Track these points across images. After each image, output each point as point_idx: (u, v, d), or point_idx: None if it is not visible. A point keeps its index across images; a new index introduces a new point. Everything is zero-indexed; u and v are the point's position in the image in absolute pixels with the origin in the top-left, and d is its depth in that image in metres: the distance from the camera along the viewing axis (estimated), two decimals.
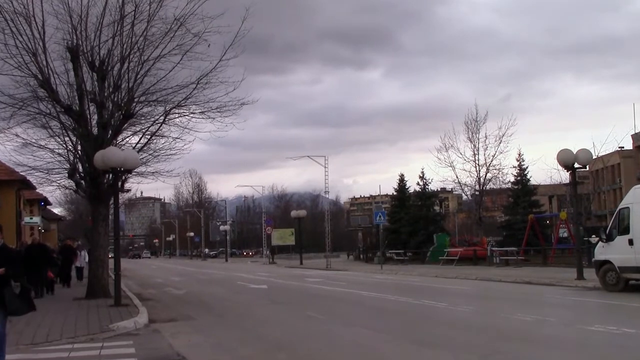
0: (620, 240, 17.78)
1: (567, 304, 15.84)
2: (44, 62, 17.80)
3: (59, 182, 21.85)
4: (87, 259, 23.87)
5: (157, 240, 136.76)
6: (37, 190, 31.93)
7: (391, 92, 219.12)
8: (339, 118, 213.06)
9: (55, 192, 35.21)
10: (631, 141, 70.03)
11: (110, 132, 19.00)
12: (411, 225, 50.52)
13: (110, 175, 18.37)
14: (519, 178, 47.58)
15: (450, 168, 43.14)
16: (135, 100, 19.12)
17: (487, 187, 43.61)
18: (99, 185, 19.04)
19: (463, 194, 49.11)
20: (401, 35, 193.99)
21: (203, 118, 20.22)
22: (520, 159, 47.39)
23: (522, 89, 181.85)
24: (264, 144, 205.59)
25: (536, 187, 48.79)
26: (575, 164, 21.51)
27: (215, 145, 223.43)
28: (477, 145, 42.15)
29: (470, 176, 42.62)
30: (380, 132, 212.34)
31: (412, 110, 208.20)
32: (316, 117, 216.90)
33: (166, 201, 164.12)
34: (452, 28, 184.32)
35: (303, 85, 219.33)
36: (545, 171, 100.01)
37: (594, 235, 37.15)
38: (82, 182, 19.75)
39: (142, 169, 22.10)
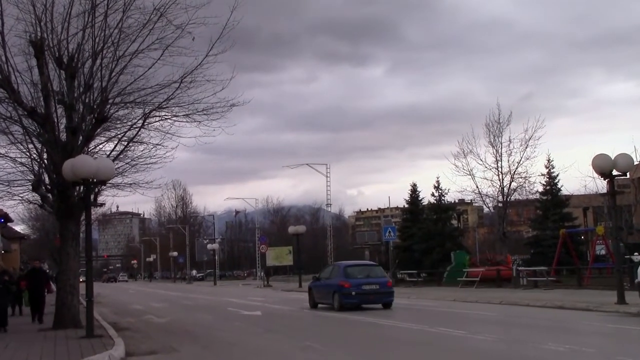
0: None
1: (606, 332, 15.72)
2: (3, 58, 17.71)
3: (21, 195, 21.84)
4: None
5: (135, 261, 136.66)
6: None
7: (396, 91, 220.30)
8: (337, 121, 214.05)
9: (18, 207, 35.04)
10: None
11: (80, 138, 18.94)
12: (425, 242, 50.45)
13: (81, 188, 18.27)
14: (548, 187, 47.61)
15: (470, 176, 43.22)
16: (110, 101, 19.07)
17: (512, 198, 43.61)
18: (68, 198, 18.96)
19: (484, 206, 48.97)
20: (405, 27, 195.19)
21: (187, 121, 20.18)
22: (549, 165, 47.51)
23: (546, 86, 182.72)
24: (254, 151, 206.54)
25: (568, 197, 48.72)
26: (614, 170, 21.42)
27: (201, 153, 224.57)
28: (499, 151, 42.25)
29: (493, 186, 42.68)
30: (385, 137, 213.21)
31: (421, 111, 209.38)
32: (312, 120, 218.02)
33: (146, 216, 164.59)
34: (462, 18, 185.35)
35: (295, 84, 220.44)
36: (579, 179, 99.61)
37: (636, 253, 37.29)
38: (49, 195, 19.70)
39: (117, 179, 22.12)
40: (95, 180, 16.59)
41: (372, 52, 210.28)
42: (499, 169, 42.22)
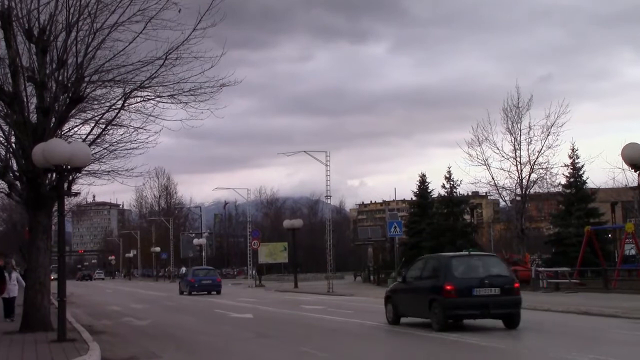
0: None
1: (636, 341, 15.73)
2: None
3: None
4: (22, 283, 23.12)
5: (113, 257, 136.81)
6: None
7: (400, 71, 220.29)
8: (336, 104, 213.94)
9: None
10: None
11: (53, 119, 18.88)
12: (435, 238, 50.51)
13: (54, 175, 18.25)
14: (572, 180, 47.58)
15: (485, 167, 43.14)
16: (86, 79, 19.01)
17: (532, 190, 43.55)
18: (38, 187, 18.89)
19: (501, 200, 48.91)
20: (409, 0, 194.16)
21: (172, 103, 20.14)
22: (573, 155, 47.43)
23: (567, 67, 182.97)
24: (244, 137, 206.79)
25: (594, 191, 48.70)
26: None
27: (186, 138, 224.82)
28: (518, 138, 42.18)
29: (510, 177, 42.63)
30: (390, 122, 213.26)
31: (429, 94, 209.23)
32: (307, 103, 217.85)
33: (125, 208, 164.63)
34: None
35: (289, 62, 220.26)
36: (607, 171, 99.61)
37: None
38: (17, 183, 19.62)
39: (94, 166, 22.07)
40: (69, 166, 16.53)
41: (372, 27, 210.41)
42: (518, 159, 42.19)
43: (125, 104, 20.06)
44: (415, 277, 19.53)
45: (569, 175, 47.60)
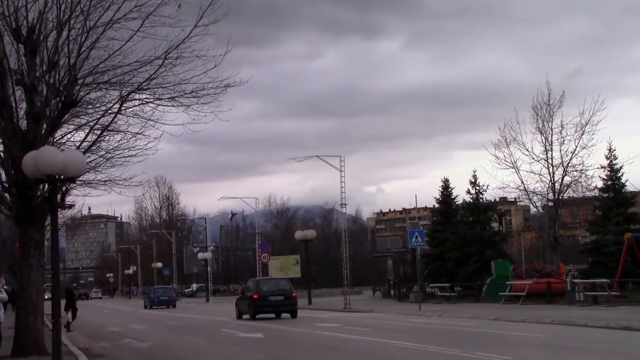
0: None
1: None
2: None
3: None
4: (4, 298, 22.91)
5: (111, 275, 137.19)
6: None
7: (416, 68, 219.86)
8: (348, 105, 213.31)
9: None
10: None
11: (45, 126, 18.96)
12: (460, 249, 50.31)
13: (46, 186, 18.30)
14: (609, 183, 47.25)
15: (513, 170, 43.01)
16: (79, 82, 19.08)
17: (565, 195, 43.39)
18: (29, 199, 18.97)
19: (531, 206, 48.80)
20: None
21: (173, 105, 20.20)
22: (611, 156, 47.08)
23: (599, 60, 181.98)
24: (250, 142, 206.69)
25: (634, 194, 48.48)
26: None
27: (188, 145, 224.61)
28: (550, 139, 42.10)
29: (541, 181, 42.52)
30: (407, 123, 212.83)
31: (448, 92, 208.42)
32: (317, 104, 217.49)
33: (124, 220, 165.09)
34: None
35: (295, 60, 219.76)
36: None
37: None
38: (6, 195, 19.71)
39: (89, 176, 22.10)
40: (62, 176, 16.52)
41: (384, 21, 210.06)
42: (549, 161, 42.09)
43: (122, 108, 20.12)
44: (246, 291, 36.53)
45: (606, 177, 47.26)
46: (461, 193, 54.62)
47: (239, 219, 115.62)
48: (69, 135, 22.06)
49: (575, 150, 41.60)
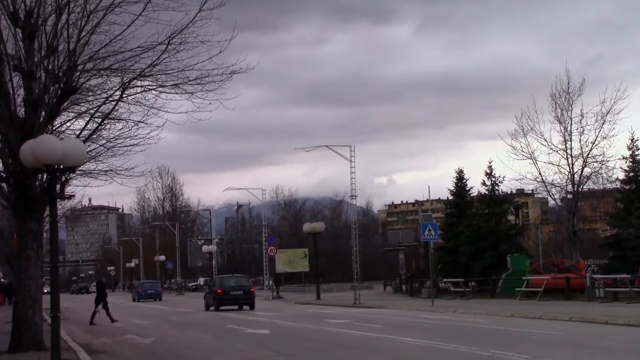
0: None
1: None
2: None
3: None
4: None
5: (112, 268, 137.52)
6: None
7: (428, 54, 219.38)
8: (357, 92, 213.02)
9: None
10: None
11: (43, 113, 18.97)
12: (475, 242, 50.21)
13: (44, 176, 18.33)
14: (632, 174, 47.04)
15: (531, 161, 42.95)
16: (79, 68, 19.06)
17: (585, 187, 43.28)
18: (27, 189, 19.00)
19: (549, 198, 48.65)
20: None
21: (177, 93, 20.19)
22: (633, 146, 46.87)
23: (619, 46, 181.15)
24: (256, 131, 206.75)
25: None
26: None
27: (192, 134, 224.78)
28: (569, 128, 42.01)
29: (560, 172, 42.43)
30: (419, 112, 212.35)
31: (462, 79, 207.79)
32: (325, 91, 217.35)
33: (125, 212, 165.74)
34: None
35: (301, 46, 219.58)
36: None
37: None
38: (4, 185, 19.76)
39: (89, 165, 22.16)
40: (61, 166, 16.54)
41: (395, 5, 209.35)
42: (568, 151, 41.99)
43: (124, 95, 20.11)
44: (212, 286, 45.27)
45: (627, 169, 47.05)
46: (476, 185, 54.47)
47: (245, 211, 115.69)
48: (68, 124, 22.13)
49: (595, 140, 41.56)
